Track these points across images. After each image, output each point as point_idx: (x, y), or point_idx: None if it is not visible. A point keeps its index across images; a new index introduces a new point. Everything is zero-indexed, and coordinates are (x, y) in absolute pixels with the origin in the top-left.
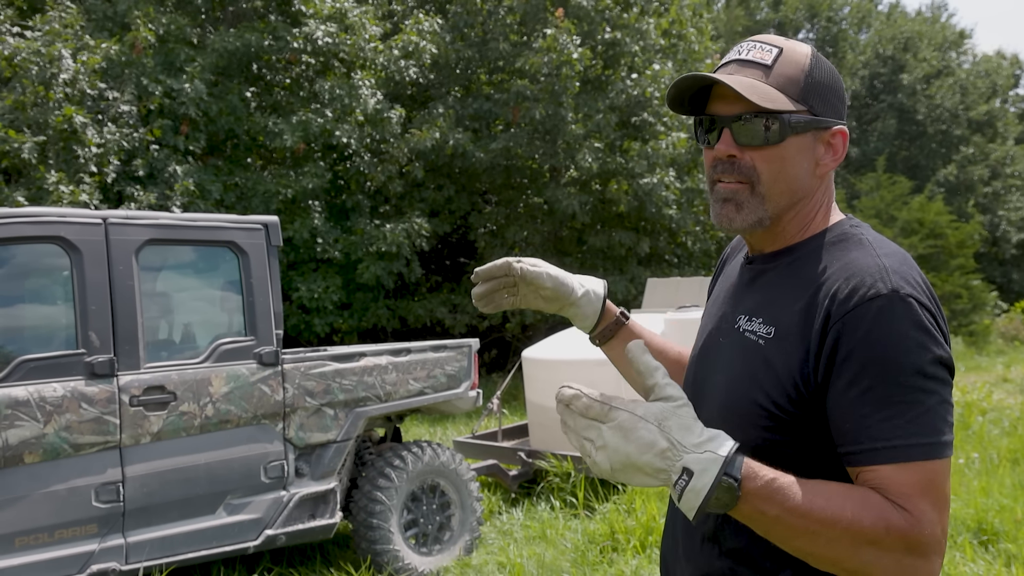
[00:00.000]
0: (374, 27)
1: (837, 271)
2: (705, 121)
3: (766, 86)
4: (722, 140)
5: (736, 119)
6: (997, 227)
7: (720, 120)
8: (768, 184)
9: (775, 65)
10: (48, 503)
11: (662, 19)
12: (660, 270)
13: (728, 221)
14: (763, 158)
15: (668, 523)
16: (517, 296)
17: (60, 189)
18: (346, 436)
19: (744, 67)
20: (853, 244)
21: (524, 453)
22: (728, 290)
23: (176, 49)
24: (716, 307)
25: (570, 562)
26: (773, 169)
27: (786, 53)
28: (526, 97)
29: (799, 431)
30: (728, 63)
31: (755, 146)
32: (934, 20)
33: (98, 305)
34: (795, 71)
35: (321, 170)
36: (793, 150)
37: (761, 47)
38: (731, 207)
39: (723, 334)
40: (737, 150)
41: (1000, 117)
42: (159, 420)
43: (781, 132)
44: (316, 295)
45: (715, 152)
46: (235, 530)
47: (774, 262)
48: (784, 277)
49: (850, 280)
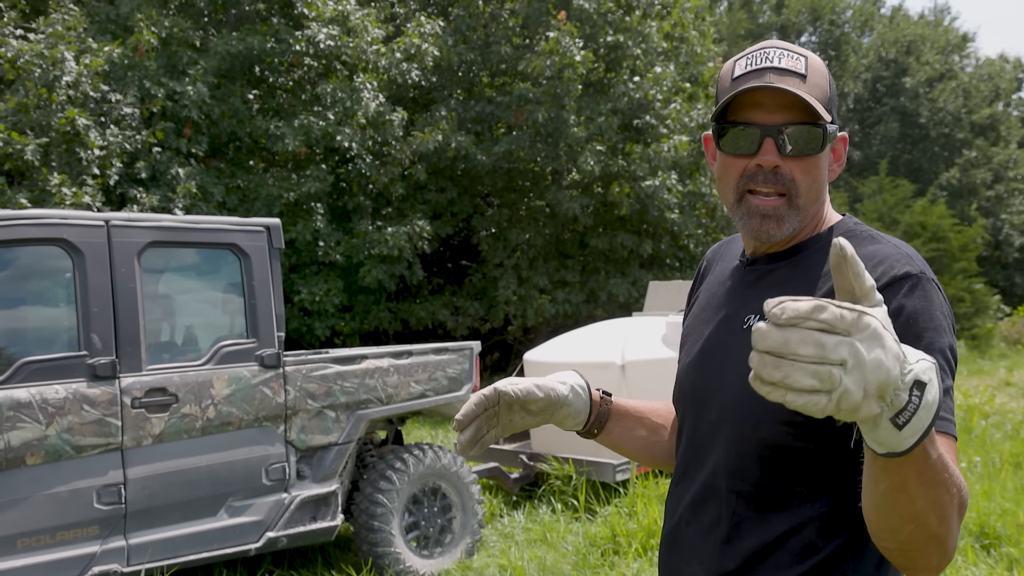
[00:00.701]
0: (376, 30)
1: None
2: (740, 129)
3: (814, 98)
4: (766, 150)
5: (782, 128)
6: (1000, 231)
7: (764, 129)
8: (805, 195)
9: (808, 74)
10: (50, 505)
11: (664, 22)
12: (662, 273)
13: (768, 236)
14: (801, 168)
15: (673, 526)
16: (498, 426)
17: (63, 191)
18: (347, 438)
19: (783, 76)
20: (867, 239)
21: (525, 456)
22: (724, 293)
23: (179, 52)
24: (709, 311)
25: (571, 565)
26: (809, 180)
27: (811, 62)
28: (528, 100)
29: (818, 424)
30: (762, 70)
31: (797, 156)
32: (937, 23)
33: (100, 307)
34: (823, 81)
35: (323, 173)
36: (823, 160)
37: (790, 55)
38: (772, 223)
39: (729, 334)
40: (781, 160)
41: (1003, 121)
42: (161, 422)
43: (823, 142)
44: (318, 298)
45: (759, 161)
46: (236, 532)
47: (782, 261)
48: (795, 274)
49: (877, 266)
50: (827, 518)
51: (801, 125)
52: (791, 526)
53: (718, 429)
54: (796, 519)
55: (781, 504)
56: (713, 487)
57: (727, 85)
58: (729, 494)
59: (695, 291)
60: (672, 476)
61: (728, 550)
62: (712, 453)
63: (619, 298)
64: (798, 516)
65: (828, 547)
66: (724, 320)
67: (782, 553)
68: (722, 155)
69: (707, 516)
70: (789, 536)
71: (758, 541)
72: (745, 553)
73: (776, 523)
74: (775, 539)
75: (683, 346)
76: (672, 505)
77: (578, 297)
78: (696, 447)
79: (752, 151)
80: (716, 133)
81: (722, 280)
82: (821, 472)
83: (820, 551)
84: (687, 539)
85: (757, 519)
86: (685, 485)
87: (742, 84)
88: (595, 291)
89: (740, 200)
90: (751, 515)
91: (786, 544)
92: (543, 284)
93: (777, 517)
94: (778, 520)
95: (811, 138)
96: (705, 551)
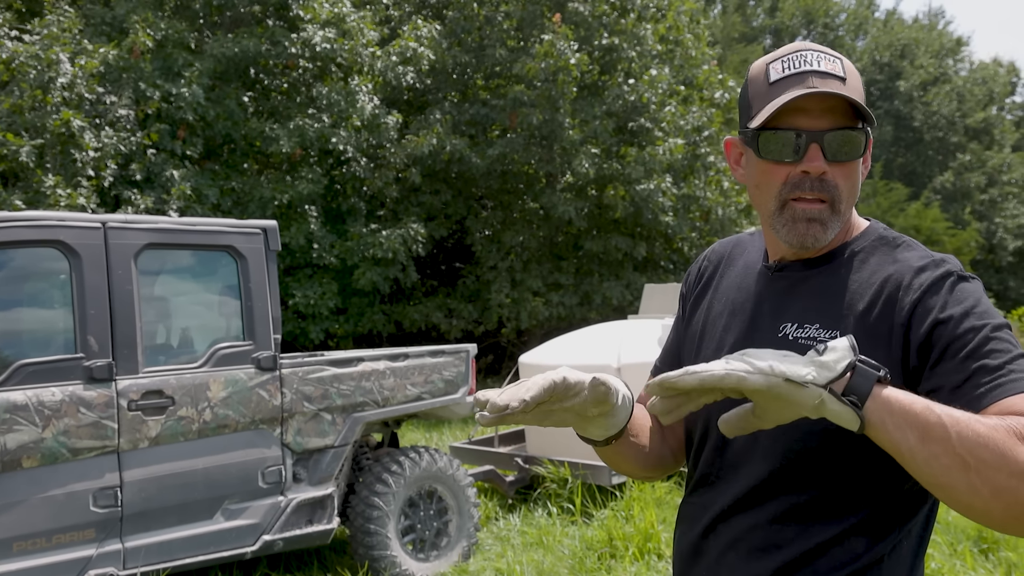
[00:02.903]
0: (372, 32)
1: (900, 269)
2: (783, 134)
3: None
4: (812, 156)
5: (829, 133)
6: (994, 234)
7: (810, 135)
8: (846, 200)
9: (847, 76)
10: (46, 508)
11: (659, 25)
12: (656, 276)
13: (814, 241)
14: (843, 174)
15: (696, 536)
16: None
17: (57, 193)
18: (344, 441)
19: (826, 79)
20: (904, 247)
21: (521, 459)
22: (748, 299)
23: (174, 54)
24: (730, 317)
25: (568, 569)
26: (849, 184)
27: (846, 64)
28: (523, 103)
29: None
30: (803, 73)
31: (840, 162)
32: (931, 27)
33: (97, 309)
34: (859, 83)
35: (317, 175)
36: (861, 163)
37: (828, 58)
38: (817, 227)
39: (763, 342)
40: (827, 166)
41: (997, 124)
42: (157, 425)
43: (865, 146)
44: (312, 301)
45: (806, 167)
46: (233, 535)
47: (817, 268)
48: (832, 281)
49: (919, 273)
50: (867, 526)
51: (845, 130)
52: (833, 534)
53: (755, 439)
54: (840, 527)
55: (824, 513)
56: (749, 497)
57: (763, 90)
58: (769, 503)
59: (700, 293)
60: (688, 485)
61: (764, 559)
62: (748, 463)
63: (613, 301)
64: (841, 524)
65: (868, 555)
66: (752, 327)
67: (822, 561)
68: (762, 162)
69: (739, 526)
70: (830, 545)
71: (797, 550)
72: (781, 562)
73: (819, 532)
74: (815, 547)
75: (695, 349)
76: (693, 514)
77: (572, 300)
78: (726, 456)
79: (797, 157)
80: (753, 139)
81: (741, 284)
82: (862, 480)
83: (860, 558)
84: (713, 549)
85: (798, 528)
86: (712, 495)
87: (785, 88)
88: (589, 294)
89: (783, 208)
90: (792, 524)
91: (827, 553)
92: (537, 287)
93: (819, 526)
94: (820, 529)
95: (854, 143)
96: (736, 561)
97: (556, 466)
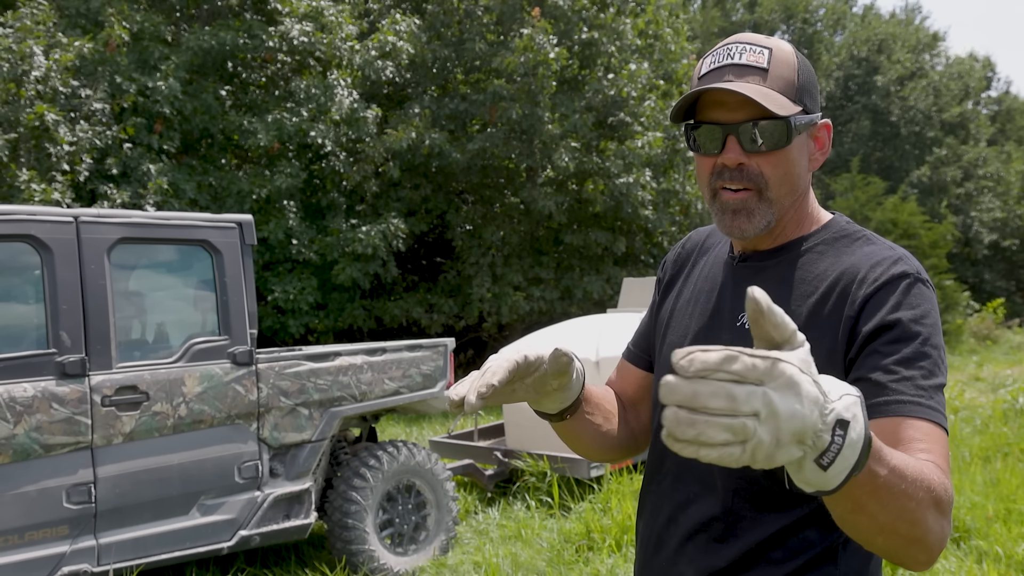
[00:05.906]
0: (350, 26)
1: (856, 262)
2: (705, 128)
3: (774, 92)
4: (729, 148)
5: (742, 126)
6: (969, 228)
7: (725, 127)
8: (775, 188)
9: (770, 67)
10: (18, 504)
11: (638, 19)
12: (636, 270)
13: (740, 231)
14: (769, 163)
15: (659, 526)
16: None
17: (32, 187)
18: (321, 436)
19: (744, 72)
20: (864, 241)
21: (500, 452)
22: (713, 288)
23: (150, 47)
24: (695, 305)
25: (546, 561)
26: (779, 173)
27: (775, 53)
28: (503, 97)
29: None
30: (722, 67)
31: (762, 152)
32: (908, 22)
33: (69, 304)
34: (788, 72)
35: (296, 169)
36: (795, 151)
37: (752, 49)
38: (742, 217)
39: (723, 331)
40: (745, 157)
41: (972, 119)
42: (131, 420)
43: (788, 136)
44: (291, 296)
45: (722, 160)
46: (209, 531)
47: (774, 258)
48: (789, 272)
49: (875, 267)
50: (823, 513)
51: (763, 121)
52: (788, 523)
53: None
54: (793, 516)
55: (780, 501)
56: (708, 485)
57: (694, 84)
58: (726, 492)
59: (673, 279)
60: (646, 473)
61: (722, 549)
62: None
63: (593, 295)
64: (795, 513)
65: (824, 542)
66: (714, 315)
67: (778, 550)
68: (696, 155)
69: (698, 515)
70: (786, 533)
71: (754, 538)
72: (740, 551)
73: (773, 520)
74: (771, 536)
75: (663, 335)
76: (654, 503)
77: (552, 294)
78: None
79: (717, 149)
80: (687, 134)
81: (708, 274)
82: None
83: (815, 546)
84: (674, 538)
85: (754, 517)
86: (670, 483)
87: (706, 84)
88: (570, 288)
89: (714, 197)
90: (749, 513)
91: (782, 541)
92: (518, 281)
93: (774, 515)
94: (776, 517)
95: (775, 132)
96: (696, 551)
97: (535, 460)
